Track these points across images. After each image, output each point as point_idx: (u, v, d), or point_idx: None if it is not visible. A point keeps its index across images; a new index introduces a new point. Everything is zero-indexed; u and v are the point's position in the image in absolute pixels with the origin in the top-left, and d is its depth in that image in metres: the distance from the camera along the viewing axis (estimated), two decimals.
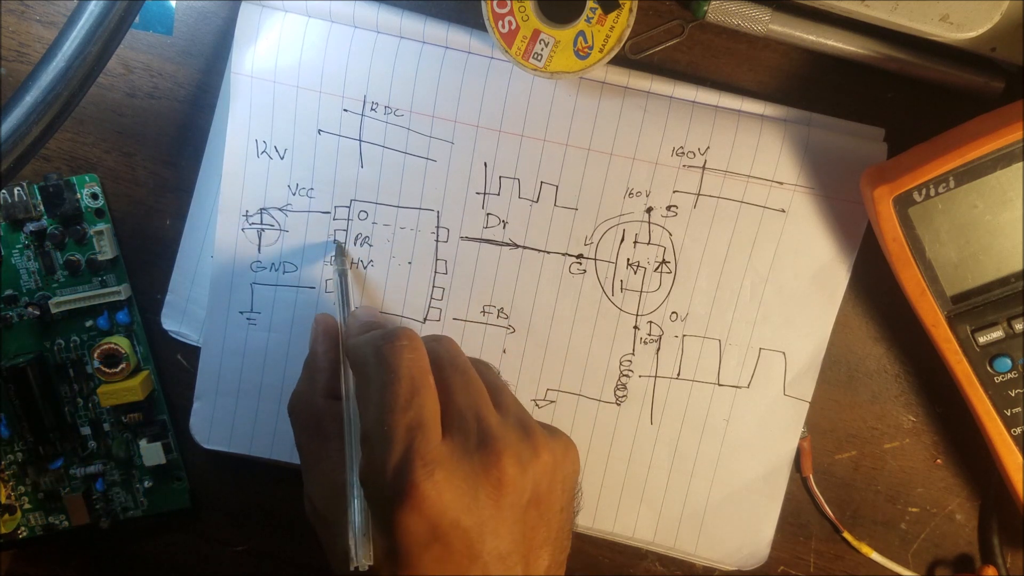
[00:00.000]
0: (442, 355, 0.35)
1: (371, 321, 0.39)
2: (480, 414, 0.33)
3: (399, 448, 0.31)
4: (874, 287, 0.43)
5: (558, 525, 0.34)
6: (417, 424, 0.31)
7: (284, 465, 0.44)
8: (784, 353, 0.42)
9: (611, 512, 0.44)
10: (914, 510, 0.45)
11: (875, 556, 0.45)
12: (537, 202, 0.42)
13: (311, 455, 0.36)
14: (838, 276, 0.42)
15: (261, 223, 0.42)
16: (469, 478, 0.31)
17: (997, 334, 0.38)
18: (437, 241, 0.42)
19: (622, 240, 0.42)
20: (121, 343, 0.43)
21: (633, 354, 0.43)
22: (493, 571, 0.32)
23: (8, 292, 0.43)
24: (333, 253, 0.42)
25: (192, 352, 0.44)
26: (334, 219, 0.42)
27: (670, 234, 0.42)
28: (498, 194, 0.42)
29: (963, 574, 0.45)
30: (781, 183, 0.41)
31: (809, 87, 0.41)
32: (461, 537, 0.31)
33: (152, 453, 0.44)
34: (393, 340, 0.33)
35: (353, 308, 0.41)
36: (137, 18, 0.36)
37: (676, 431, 0.43)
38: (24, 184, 0.41)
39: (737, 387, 0.43)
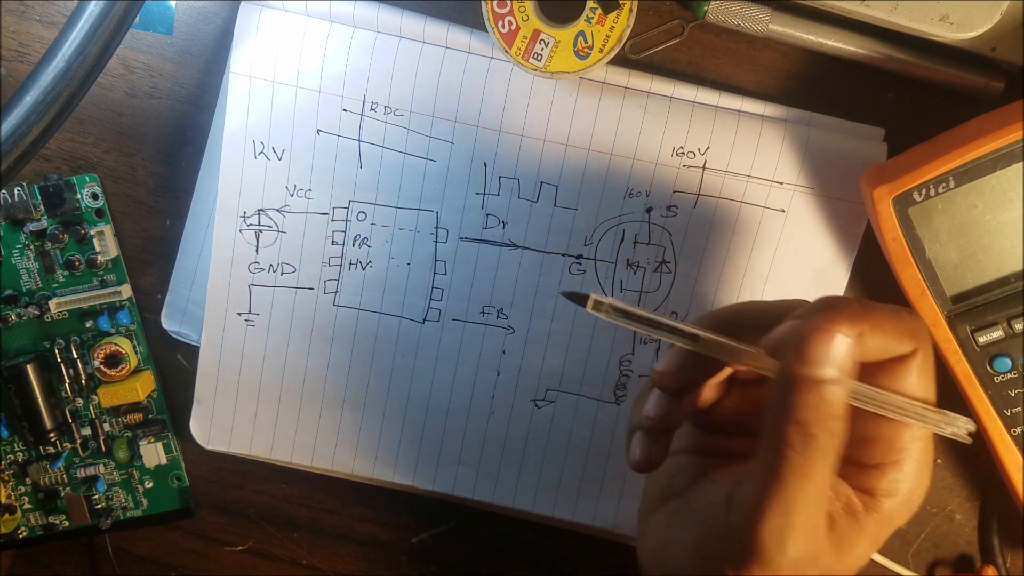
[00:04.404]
0: None
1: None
2: None
3: None
4: (874, 287, 0.43)
5: None
6: None
7: (284, 465, 0.44)
8: None
9: (611, 511, 0.44)
10: None
11: (875, 556, 0.45)
12: (537, 202, 0.42)
13: None
14: (838, 276, 0.42)
15: (259, 224, 0.42)
16: None
17: (997, 334, 0.38)
18: (436, 242, 0.42)
19: (622, 240, 0.42)
20: (122, 343, 0.43)
21: (633, 354, 0.43)
22: None
23: (8, 292, 0.43)
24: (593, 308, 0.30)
25: (192, 352, 0.44)
26: (332, 220, 0.42)
27: (670, 234, 0.42)
28: (498, 194, 0.42)
29: (963, 574, 0.45)
30: (781, 183, 0.41)
31: (809, 87, 0.41)
32: None
33: (152, 453, 0.44)
34: None
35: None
36: (137, 18, 0.36)
37: None
38: (24, 184, 0.41)
39: None
